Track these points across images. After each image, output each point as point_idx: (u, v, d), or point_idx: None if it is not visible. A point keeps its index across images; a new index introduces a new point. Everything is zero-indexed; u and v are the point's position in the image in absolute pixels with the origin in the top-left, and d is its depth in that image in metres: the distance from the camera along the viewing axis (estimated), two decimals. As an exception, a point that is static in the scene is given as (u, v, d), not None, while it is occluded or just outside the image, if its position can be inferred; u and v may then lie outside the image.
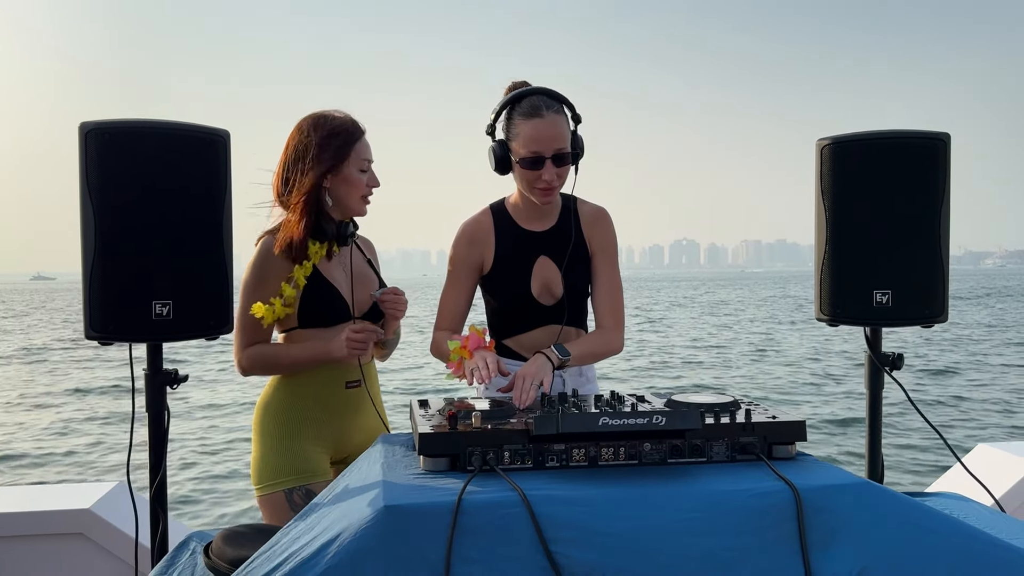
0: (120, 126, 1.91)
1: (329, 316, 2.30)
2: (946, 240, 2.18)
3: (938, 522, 1.38)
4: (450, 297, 2.37)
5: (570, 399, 1.77)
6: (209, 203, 2.01)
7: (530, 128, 2.14)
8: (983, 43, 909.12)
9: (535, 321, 2.35)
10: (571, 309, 2.35)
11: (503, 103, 2.21)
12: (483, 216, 2.38)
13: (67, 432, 10.49)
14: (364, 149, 2.32)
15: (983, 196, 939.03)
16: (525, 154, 2.16)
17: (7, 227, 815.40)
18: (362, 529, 1.26)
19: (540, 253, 2.34)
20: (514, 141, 2.19)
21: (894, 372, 2.28)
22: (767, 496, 1.36)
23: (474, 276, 2.37)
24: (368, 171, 2.33)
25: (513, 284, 2.33)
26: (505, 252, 2.34)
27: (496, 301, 2.39)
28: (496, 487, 1.36)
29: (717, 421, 1.55)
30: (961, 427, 10.09)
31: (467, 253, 2.35)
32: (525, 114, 2.16)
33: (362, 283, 2.41)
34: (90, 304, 1.92)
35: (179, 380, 2.12)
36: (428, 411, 1.70)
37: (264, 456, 2.27)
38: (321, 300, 2.29)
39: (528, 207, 2.33)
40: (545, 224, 2.36)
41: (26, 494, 3.09)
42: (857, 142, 2.20)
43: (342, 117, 2.31)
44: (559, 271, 2.33)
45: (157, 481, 2.08)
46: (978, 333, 23.38)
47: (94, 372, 16.30)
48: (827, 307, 2.26)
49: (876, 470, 2.31)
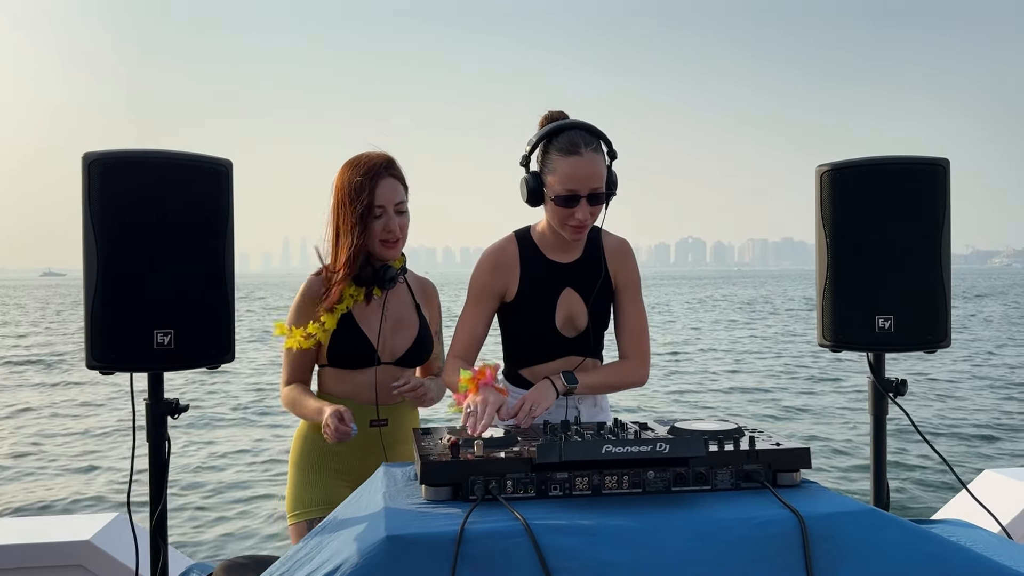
0: (123, 156, 1.92)
1: (354, 360, 2.36)
2: (947, 264, 2.18)
3: (944, 549, 1.37)
4: (468, 323, 2.32)
5: (573, 427, 1.76)
6: (211, 232, 2.02)
7: (568, 166, 2.11)
8: (992, 47, 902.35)
9: (555, 352, 2.33)
10: (595, 339, 2.36)
11: (540, 135, 2.18)
12: (508, 244, 2.34)
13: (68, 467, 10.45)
14: (379, 193, 2.30)
15: (991, 195, 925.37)
16: (561, 191, 2.14)
17: (16, 223, 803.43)
18: (364, 559, 1.25)
19: (566, 285, 2.32)
20: (550, 175, 2.16)
21: (898, 398, 2.27)
22: (772, 524, 1.35)
23: (495, 303, 2.34)
24: (382, 217, 2.31)
25: (537, 315, 2.30)
26: (530, 282, 2.31)
27: (517, 330, 2.36)
28: (499, 516, 1.35)
29: (721, 448, 1.54)
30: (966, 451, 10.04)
31: (490, 280, 2.31)
32: (563, 151, 2.13)
33: (399, 328, 2.43)
34: (91, 333, 1.92)
35: (180, 410, 2.11)
36: (430, 440, 1.69)
37: (294, 485, 2.39)
38: (348, 344, 2.35)
39: (555, 238, 2.31)
40: (571, 256, 2.34)
41: (25, 526, 3.07)
42: (857, 168, 2.21)
43: (367, 159, 2.33)
44: (584, 304, 2.31)
45: (157, 512, 2.06)
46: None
47: (99, 403, 16.27)
48: (829, 333, 2.26)
49: (881, 496, 2.29)
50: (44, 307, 51.06)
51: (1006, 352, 19.33)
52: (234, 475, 9.06)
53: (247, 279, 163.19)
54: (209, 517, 7.51)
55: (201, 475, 9.02)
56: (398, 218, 2.34)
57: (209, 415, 12.36)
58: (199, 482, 8.74)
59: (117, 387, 14.69)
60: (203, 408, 12.82)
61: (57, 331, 30.37)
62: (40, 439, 11.26)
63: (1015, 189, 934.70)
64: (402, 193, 2.36)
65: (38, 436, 11.47)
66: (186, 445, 10.33)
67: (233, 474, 9.10)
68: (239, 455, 10.06)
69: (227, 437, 11.09)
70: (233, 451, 10.25)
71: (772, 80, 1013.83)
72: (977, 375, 15.46)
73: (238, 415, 12.61)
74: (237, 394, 14.32)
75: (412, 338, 2.43)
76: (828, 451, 9.46)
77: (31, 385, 16.39)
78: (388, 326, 2.40)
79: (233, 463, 9.64)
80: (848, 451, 9.53)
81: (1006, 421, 11.08)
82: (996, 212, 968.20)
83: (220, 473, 9.15)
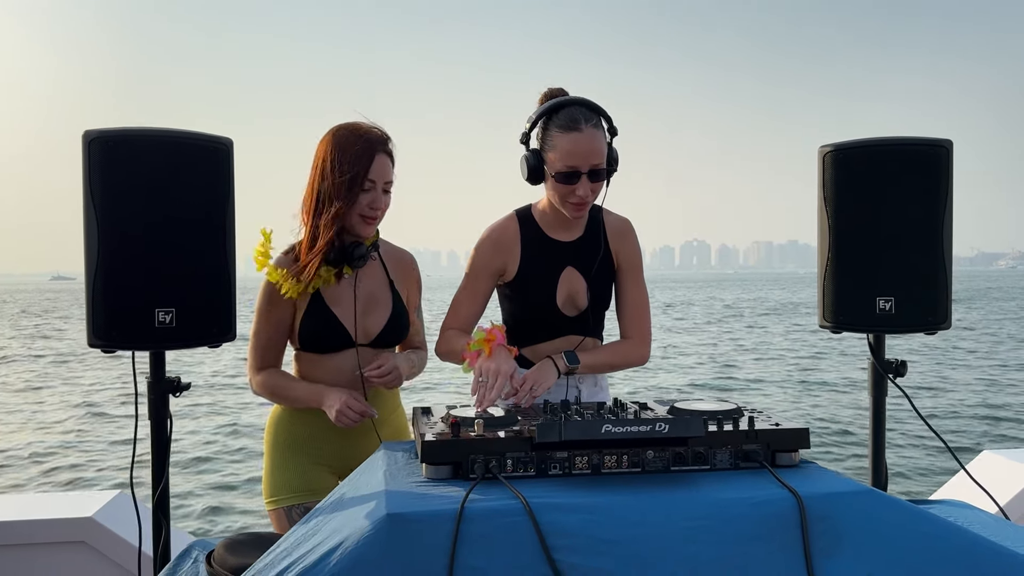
0: (123, 134, 1.92)
1: (326, 343, 2.27)
2: (949, 247, 2.18)
3: (942, 530, 1.37)
4: (465, 299, 2.33)
5: (573, 406, 1.77)
6: (212, 210, 2.01)
7: (568, 142, 2.10)
8: (991, 46, 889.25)
9: (555, 331, 2.33)
10: (595, 319, 2.35)
11: (540, 112, 2.17)
12: (509, 222, 2.33)
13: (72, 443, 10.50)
14: (373, 167, 2.20)
15: (997, 197, 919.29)
16: (561, 168, 2.13)
17: (26, 227, 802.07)
18: (364, 537, 1.26)
19: (567, 264, 2.32)
20: (550, 152, 2.15)
21: (898, 379, 2.28)
22: (770, 504, 1.36)
23: (493, 281, 2.34)
24: (370, 191, 2.22)
25: (538, 293, 2.30)
26: (531, 260, 2.31)
27: (517, 309, 2.35)
28: (499, 495, 1.36)
29: (720, 428, 1.55)
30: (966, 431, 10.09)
31: (490, 258, 2.31)
32: (563, 127, 2.12)
33: (372, 308, 2.33)
34: (93, 311, 1.92)
35: (182, 388, 2.12)
36: (430, 419, 1.70)
37: (270, 471, 2.32)
38: (318, 326, 2.25)
39: (556, 217, 2.30)
40: (572, 234, 2.33)
41: (28, 502, 3.09)
42: (859, 149, 2.19)
43: (366, 130, 2.23)
44: (585, 283, 2.31)
45: (159, 489, 2.07)
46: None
47: (100, 378, 16.31)
48: (830, 314, 2.26)
49: (880, 477, 2.30)
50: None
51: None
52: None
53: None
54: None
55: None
56: (384, 197, 2.26)
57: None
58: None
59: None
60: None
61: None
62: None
63: (1022, 190, 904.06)
64: (391, 172, 2.27)
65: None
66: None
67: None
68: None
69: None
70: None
71: (780, 81, 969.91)
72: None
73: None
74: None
75: (386, 317, 2.33)
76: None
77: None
78: (360, 306, 2.30)
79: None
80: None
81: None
82: (1002, 213, 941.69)
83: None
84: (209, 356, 18.90)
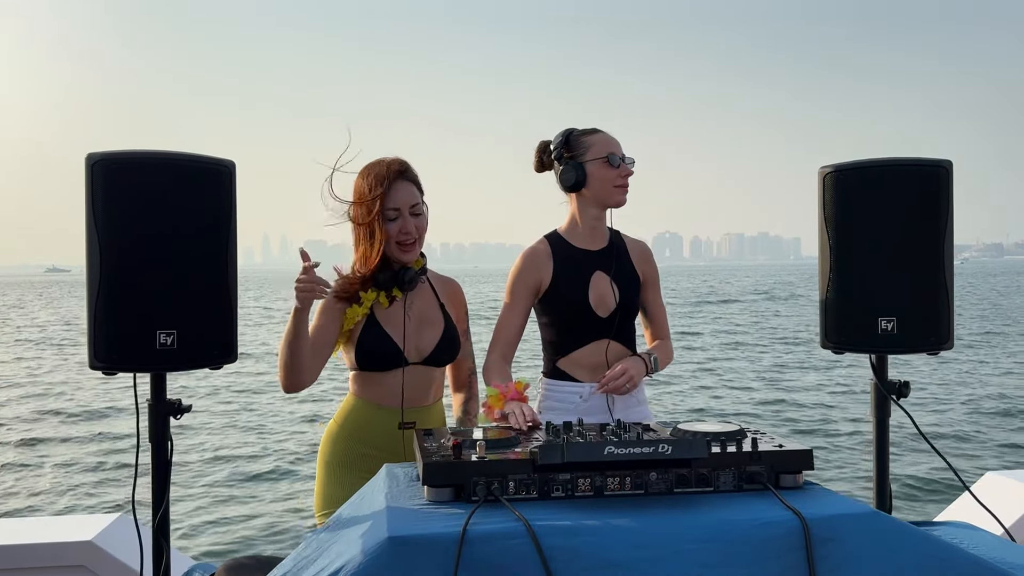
0: (126, 157, 1.93)
1: (380, 361, 2.37)
2: (950, 266, 2.18)
3: (947, 552, 1.36)
4: (508, 320, 2.55)
5: (575, 428, 1.77)
6: (214, 232, 2.02)
7: (599, 137, 2.50)
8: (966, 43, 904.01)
9: (589, 335, 2.52)
10: (623, 323, 2.56)
11: (560, 136, 2.53)
12: (540, 244, 2.59)
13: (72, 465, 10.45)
14: (393, 196, 2.33)
15: (967, 189, 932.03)
16: (605, 154, 2.48)
17: (20, 218, 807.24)
18: (366, 560, 1.25)
19: (596, 268, 2.56)
20: (587, 153, 2.49)
21: (901, 400, 2.27)
22: (774, 526, 1.35)
23: (531, 299, 2.56)
24: (397, 219, 2.34)
25: (571, 295, 2.52)
26: (563, 269, 2.54)
27: (553, 314, 2.55)
28: (501, 518, 1.35)
29: (724, 450, 1.54)
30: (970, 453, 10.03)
31: (526, 277, 2.54)
32: (586, 133, 2.51)
33: (425, 327, 2.44)
34: (94, 334, 1.92)
35: (182, 410, 2.11)
36: (432, 441, 1.69)
37: (323, 484, 2.41)
38: (373, 345, 2.36)
39: (582, 230, 2.58)
40: (597, 244, 2.60)
41: (28, 526, 3.08)
42: (859, 170, 2.20)
43: (380, 164, 2.36)
44: (614, 285, 2.55)
45: (160, 512, 2.06)
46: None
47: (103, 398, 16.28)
48: (832, 335, 2.25)
49: (884, 499, 2.29)
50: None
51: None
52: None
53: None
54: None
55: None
56: (413, 220, 2.36)
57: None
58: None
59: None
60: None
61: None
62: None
63: (987, 182, 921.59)
64: (416, 195, 2.38)
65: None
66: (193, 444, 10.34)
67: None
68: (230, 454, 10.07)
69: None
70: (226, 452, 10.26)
71: (750, 73, 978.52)
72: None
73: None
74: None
75: (438, 336, 2.44)
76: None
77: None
78: (412, 326, 2.41)
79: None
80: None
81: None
82: (968, 206, 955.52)
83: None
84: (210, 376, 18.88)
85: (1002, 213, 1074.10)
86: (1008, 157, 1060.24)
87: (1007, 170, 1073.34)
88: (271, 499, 8.14)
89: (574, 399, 2.51)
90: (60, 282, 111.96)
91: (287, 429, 11.45)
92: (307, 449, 10.00)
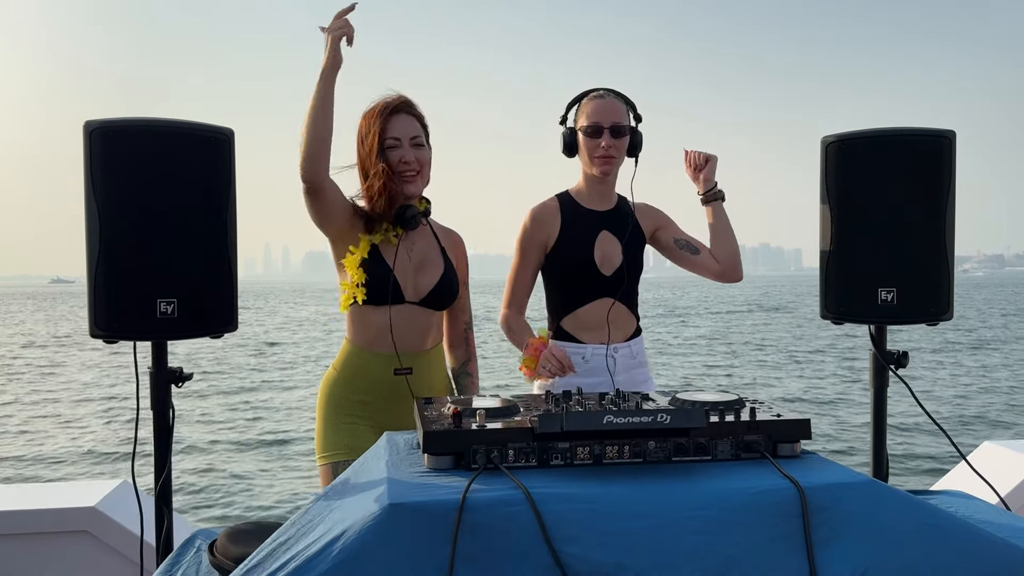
0: (124, 125, 1.91)
1: (378, 296, 2.36)
2: (951, 238, 2.17)
3: (943, 520, 1.37)
4: (519, 275, 2.65)
5: (575, 396, 1.77)
6: (214, 201, 2.01)
7: (593, 105, 2.56)
8: (984, 39, 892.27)
9: (593, 292, 2.61)
10: (627, 282, 2.63)
11: (576, 97, 2.60)
12: (550, 201, 2.68)
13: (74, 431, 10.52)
14: (393, 126, 2.35)
15: (969, 199, 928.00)
16: (586, 124, 2.54)
17: (24, 230, 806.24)
18: (366, 527, 1.26)
19: (602, 228, 2.65)
20: (580, 119, 2.58)
21: (899, 370, 2.28)
22: (772, 494, 1.36)
23: (540, 255, 2.65)
24: (397, 148, 2.36)
25: (577, 253, 2.60)
26: (569, 226, 2.63)
27: (560, 272, 2.63)
28: (500, 485, 1.36)
29: (722, 419, 1.55)
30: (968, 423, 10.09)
31: (534, 233, 2.63)
32: (590, 98, 2.58)
33: (424, 268, 2.45)
34: (94, 302, 1.92)
35: (184, 378, 2.12)
36: (432, 409, 1.70)
37: (321, 430, 2.43)
38: (373, 279, 2.35)
39: (590, 190, 2.67)
40: (605, 205, 2.69)
41: (31, 492, 3.10)
42: (862, 139, 2.19)
43: (382, 99, 2.39)
44: (619, 244, 2.64)
45: (162, 479, 2.08)
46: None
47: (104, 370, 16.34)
48: (832, 305, 2.26)
49: (881, 468, 2.31)
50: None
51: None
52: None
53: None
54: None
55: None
56: (415, 151, 2.37)
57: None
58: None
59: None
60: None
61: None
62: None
63: (988, 193, 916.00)
64: (417, 128, 2.40)
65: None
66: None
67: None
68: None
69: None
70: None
71: (747, 84, 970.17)
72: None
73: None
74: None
75: (437, 278, 2.45)
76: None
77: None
78: (411, 265, 2.42)
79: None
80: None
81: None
82: (966, 217, 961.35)
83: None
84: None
85: (1002, 225, 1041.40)
86: (1009, 168, 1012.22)
87: (1008, 181, 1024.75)
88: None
89: (577, 360, 2.55)
90: (65, 293, 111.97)
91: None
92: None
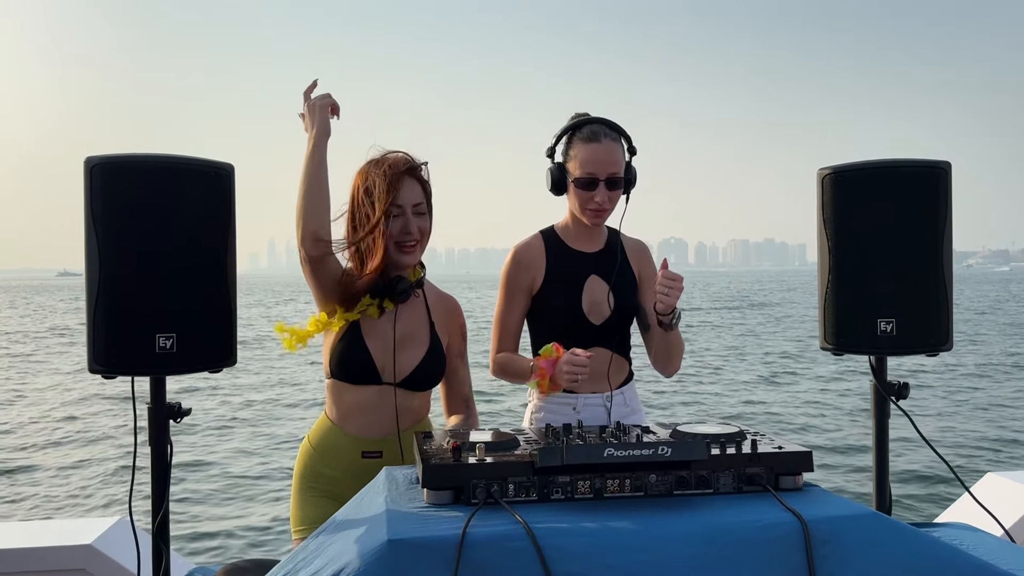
0: (125, 160, 1.92)
1: (354, 374, 2.24)
2: (949, 268, 2.18)
3: (947, 553, 1.36)
4: (504, 318, 2.46)
5: (575, 430, 1.76)
6: (213, 236, 2.01)
7: (588, 152, 2.32)
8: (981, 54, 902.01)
9: (581, 343, 2.33)
10: (618, 331, 2.45)
11: (564, 128, 2.39)
12: (534, 240, 2.49)
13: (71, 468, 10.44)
14: (400, 192, 2.21)
15: (972, 195, 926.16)
16: (580, 175, 2.33)
17: (32, 223, 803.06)
18: (365, 562, 1.25)
19: (590, 272, 2.45)
20: (571, 162, 2.36)
21: (900, 401, 2.27)
22: (774, 528, 1.35)
23: (526, 297, 2.46)
24: (399, 217, 2.22)
25: (564, 300, 2.41)
26: (556, 270, 2.44)
27: (546, 319, 2.45)
28: (501, 520, 1.35)
29: (723, 452, 1.54)
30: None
31: (518, 275, 2.44)
32: (584, 139, 2.34)
33: (407, 345, 2.28)
34: (93, 337, 1.92)
35: (182, 414, 2.11)
36: (431, 443, 1.69)
37: (295, 502, 2.34)
38: (349, 356, 2.24)
39: (577, 230, 2.47)
40: (594, 246, 2.49)
41: (27, 529, 3.07)
42: (858, 171, 2.20)
43: (389, 159, 2.24)
44: (608, 289, 2.43)
45: (160, 516, 2.06)
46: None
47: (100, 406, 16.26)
48: (831, 336, 2.25)
49: (884, 501, 2.29)
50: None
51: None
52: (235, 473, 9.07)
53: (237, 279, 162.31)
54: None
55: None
56: (417, 220, 2.24)
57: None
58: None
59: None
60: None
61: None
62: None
63: (992, 188, 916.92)
64: (421, 195, 2.26)
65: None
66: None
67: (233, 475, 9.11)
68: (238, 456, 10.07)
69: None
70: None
71: (754, 82, 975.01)
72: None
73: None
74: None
75: (419, 358, 2.28)
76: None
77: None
78: (395, 342, 2.26)
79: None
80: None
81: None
82: (971, 212, 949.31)
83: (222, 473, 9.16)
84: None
85: (1008, 219, 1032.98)
86: (1014, 162, 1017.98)
87: (1014, 175, 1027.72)
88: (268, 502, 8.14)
89: (567, 411, 2.43)
90: (72, 287, 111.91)
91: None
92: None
